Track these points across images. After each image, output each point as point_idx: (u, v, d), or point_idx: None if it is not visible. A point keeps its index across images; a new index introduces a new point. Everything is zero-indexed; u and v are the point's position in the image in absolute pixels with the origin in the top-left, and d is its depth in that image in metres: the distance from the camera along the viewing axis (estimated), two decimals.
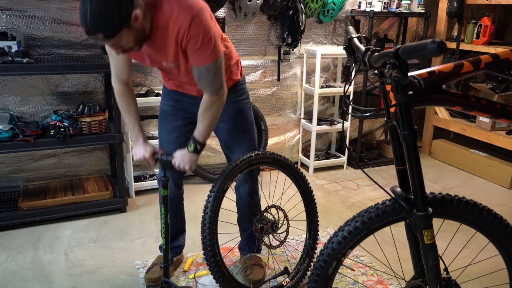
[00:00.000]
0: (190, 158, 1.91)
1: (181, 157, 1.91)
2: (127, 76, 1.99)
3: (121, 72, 1.98)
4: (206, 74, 1.79)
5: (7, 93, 3.06)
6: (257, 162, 2.08)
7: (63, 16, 3.08)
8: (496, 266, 1.82)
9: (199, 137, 1.92)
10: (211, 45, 1.74)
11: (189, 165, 1.91)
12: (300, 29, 3.63)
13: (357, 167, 4.10)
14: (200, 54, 1.75)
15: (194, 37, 1.70)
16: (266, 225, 2.14)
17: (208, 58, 1.76)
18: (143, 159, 1.99)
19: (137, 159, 2.02)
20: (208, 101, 1.86)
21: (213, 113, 1.88)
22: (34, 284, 2.31)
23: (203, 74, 1.79)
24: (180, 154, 1.91)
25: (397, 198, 1.41)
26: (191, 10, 1.68)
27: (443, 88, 1.44)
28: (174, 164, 1.91)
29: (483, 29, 4.03)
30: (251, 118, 2.22)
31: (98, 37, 1.59)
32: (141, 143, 2.01)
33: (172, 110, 2.15)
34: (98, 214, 3.06)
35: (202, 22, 1.70)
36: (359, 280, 2.40)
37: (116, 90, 2.03)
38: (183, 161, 1.90)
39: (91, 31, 1.57)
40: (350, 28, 1.57)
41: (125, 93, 2.02)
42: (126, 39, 1.63)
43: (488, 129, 3.93)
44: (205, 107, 1.87)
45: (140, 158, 2.00)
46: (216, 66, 1.79)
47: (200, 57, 1.76)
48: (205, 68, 1.78)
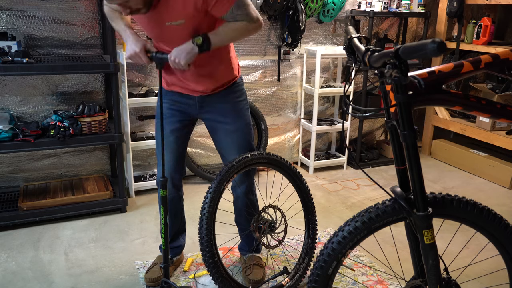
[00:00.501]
0: (190, 51, 1.76)
1: (179, 50, 1.77)
2: None
3: None
4: (239, 10, 1.76)
5: (7, 93, 3.06)
6: (253, 162, 2.07)
7: (63, 16, 3.08)
8: (496, 266, 1.82)
9: (212, 35, 1.78)
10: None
11: (185, 60, 1.76)
12: (300, 29, 3.63)
13: (357, 167, 4.10)
14: (222, 1, 1.73)
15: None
16: (263, 225, 2.14)
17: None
18: (134, 53, 1.84)
19: (128, 55, 1.87)
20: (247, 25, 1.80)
21: (244, 32, 1.83)
22: (34, 284, 2.31)
23: (236, 12, 1.76)
24: (179, 48, 1.78)
25: (397, 198, 1.41)
26: None
27: (443, 88, 1.44)
28: (169, 58, 1.78)
29: (483, 29, 4.03)
30: (248, 119, 2.21)
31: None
32: (132, 37, 1.86)
33: (169, 112, 2.13)
34: (98, 214, 3.06)
35: None
36: (359, 280, 2.40)
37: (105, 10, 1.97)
38: (180, 55, 1.76)
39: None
40: (350, 28, 1.57)
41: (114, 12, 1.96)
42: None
43: (488, 129, 3.93)
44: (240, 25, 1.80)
45: (131, 54, 1.84)
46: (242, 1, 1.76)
47: (224, 3, 1.73)
48: (234, 8, 1.75)
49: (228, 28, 1.82)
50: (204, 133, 3.71)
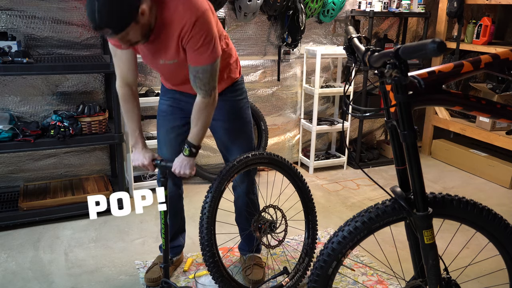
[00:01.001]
0: (188, 162, 1.92)
1: (179, 163, 1.92)
2: (132, 77, 1.97)
3: (127, 71, 1.95)
4: (202, 74, 1.80)
5: (7, 93, 3.06)
6: (254, 162, 2.08)
7: (63, 16, 3.08)
8: (496, 266, 1.82)
9: (193, 140, 1.93)
10: (210, 47, 1.76)
11: (189, 170, 1.92)
12: (300, 29, 3.63)
13: (357, 167, 4.10)
14: (200, 54, 1.76)
15: (196, 36, 1.72)
16: (264, 225, 2.14)
17: (206, 59, 1.77)
18: (141, 165, 2.00)
19: (136, 165, 2.02)
20: (202, 103, 1.87)
21: (206, 115, 1.90)
22: (34, 284, 2.31)
23: (200, 74, 1.80)
24: (179, 161, 1.92)
25: (397, 198, 1.41)
26: (197, 10, 1.71)
27: (443, 88, 1.44)
28: (174, 171, 1.92)
29: (483, 29, 4.03)
30: (249, 117, 2.22)
31: (106, 33, 1.61)
32: (140, 149, 2.01)
33: (171, 109, 2.15)
34: (98, 214, 3.04)
35: (206, 24, 1.72)
36: (359, 280, 2.40)
37: (120, 93, 2.01)
38: (183, 167, 1.92)
39: (99, 26, 1.58)
40: (350, 28, 1.57)
41: (129, 97, 2.00)
42: (134, 33, 1.65)
43: (488, 129, 3.92)
44: (198, 109, 1.88)
45: (139, 164, 2.01)
46: (213, 67, 1.80)
47: (199, 57, 1.77)
48: (202, 69, 1.79)
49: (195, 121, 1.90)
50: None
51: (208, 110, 1.89)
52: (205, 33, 1.73)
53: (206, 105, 1.87)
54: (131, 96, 2.01)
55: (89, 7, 1.55)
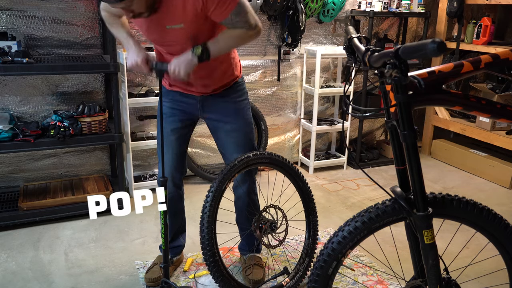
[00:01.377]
0: (189, 61, 1.77)
1: (178, 61, 1.78)
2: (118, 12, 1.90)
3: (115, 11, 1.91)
4: (238, 17, 1.77)
5: (7, 93, 3.06)
6: (255, 162, 2.07)
7: (63, 16, 3.08)
8: (496, 266, 1.81)
9: (211, 44, 1.79)
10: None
11: (185, 70, 1.77)
12: (300, 29, 3.63)
13: (357, 167, 4.10)
14: (222, 7, 1.73)
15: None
16: (264, 225, 2.14)
17: (230, 5, 1.74)
18: (135, 64, 1.86)
19: (129, 65, 1.89)
20: (243, 32, 1.81)
21: (242, 39, 1.85)
22: (34, 284, 2.31)
23: (235, 19, 1.77)
24: (179, 58, 1.79)
25: (397, 198, 1.41)
26: None
27: (443, 88, 1.44)
28: (169, 69, 1.79)
29: (483, 29, 4.03)
30: (250, 118, 2.21)
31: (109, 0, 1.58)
32: (133, 47, 1.88)
33: (171, 111, 2.14)
34: (98, 214, 3.05)
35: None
36: (359, 280, 2.40)
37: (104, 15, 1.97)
38: (180, 65, 1.77)
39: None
40: (350, 28, 1.57)
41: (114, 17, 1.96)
42: (138, 2, 1.63)
43: (488, 129, 3.93)
44: (238, 33, 1.81)
45: (132, 63, 1.86)
46: (241, 5, 1.76)
47: (223, 8, 1.73)
48: (233, 14, 1.75)
49: (226, 36, 1.83)
50: (204, 133, 3.71)
51: (247, 37, 1.84)
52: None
53: (246, 35, 1.82)
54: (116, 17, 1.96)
55: None
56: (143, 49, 1.89)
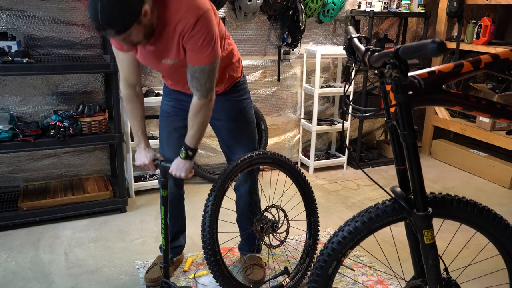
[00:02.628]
0: (184, 165, 1.92)
1: (176, 165, 1.92)
2: (135, 78, 1.98)
3: (130, 74, 1.96)
4: (200, 75, 1.80)
5: (7, 93, 3.06)
6: (257, 162, 2.08)
7: (63, 16, 3.08)
8: (496, 266, 1.81)
9: (190, 143, 1.92)
10: (210, 47, 1.75)
11: (185, 173, 1.92)
12: (300, 29, 3.63)
13: (357, 167, 4.10)
14: (199, 53, 1.76)
15: (196, 36, 1.72)
16: (266, 224, 2.14)
17: (205, 59, 1.77)
18: (143, 165, 2.03)
19: (138, 165, 2.05)
20: (198, 104, 1.86)
21: (203, 117, 1.89)
22: (34, 284, 2.31)
23: (197, 74, 1.80)
24: (175, 163, 1.93)
25: (397, 198, 1.41)
26: (198, 10, 1.70)
27: (443, 88, 1.44)
28: (170, 172, 1.93)
29: (483, 29, 4.03)
30: (252, 117, 2.22)
31: (109, 33, 1.60)
32: (143, 148, 2.03)
33: (173, 110, 2.15)
34: (98, 214, 3.06)
35: (206, 24, 1.72)
36: (359, 280, 2.40)
37: (123, 94, 2.02)
38: (179, 169, 1.92)
39: (102, 27, 1.57)
40: (350, 28, 1.57)
41: (132, 97, 2.01)
42: (136, 34, 1.65)
43: (488, 129, 3.93)
44: (195, 111, 1.88)
45: (140, 164, 2.04)
46: (211, 68, 1.80)
47: (198, 56, 1.77)
48: (200, 69, 1.78)
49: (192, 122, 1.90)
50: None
51: (204, 112, 1.88)
52: (205, 32, 1.72)
53: (201, 106, 1.86)
54: (134, 97, 2.01)
55: (92, 7, 1.54)
56: (151, 150, 2.03)
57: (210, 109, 1.90)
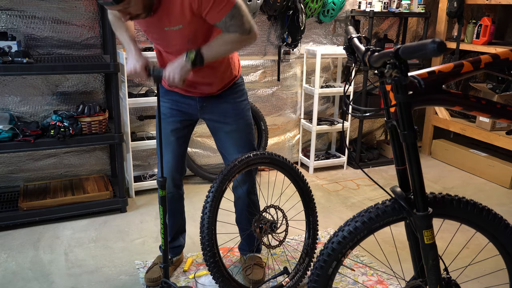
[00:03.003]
0: (183, 67, 1.77)
1: (173, 66, 1.79)
2: None
3: None
4: (233, 21, 1.74)
5: (7, 93, 3.06)
6: (255, 162, 2.07)
7: (63, 16, 3.08)
8: (496, 266, 1.82)
9: (205, 49, 1.78)
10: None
11: (179, 76, 1.78)
12: (300, 29, 3.63)
13: (357, 167, 4.10)
14: (217, 8, 1.71)
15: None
16: (265, 225, 2.14)
17: (226, 7, 1.72)
18: (133, 71, 1.88)
19: (128, 71, 1.90)
20: (237, 37, 1.78)
21: (237, 44, 1.82)
22: (34, 284, 2.31)
23: (230, 22, 1.74)
24: (173, 64, 1.79)
25: (397, 198, 1.41)
26: None
27: (443, 88, 1.44)
28: (164, 76, 1.80)
29: (483, 29, 4.03)
30: (250, 119, 2.21)
31: (107, 1, 1.58)
32: (133, 54, 1.90)
33: (170, 111, 2.13)
34: (98, 214, 3.06)
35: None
36: (359, 280, 2.40)
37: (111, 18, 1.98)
38: (174, 71, 1.78)
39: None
40: (350, 28, 1.57)
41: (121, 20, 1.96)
42: (135, 4, 1.63)
43: (488, 129, 3.93)
44: (231, 38, 1.78)
45: (130, 69, 1.88)
46: (237, 8, 1.74)
47: (218, 10, 1.72)
48: (228, 16, 1.73)
49: (220, 41, 1.81)
50: (204, 133, 3.71)
51: (243, 42, 1.81)
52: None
53: (240, 40, 1.79)
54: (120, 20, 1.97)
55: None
56: (143, 56, 1.90)
57: (250, 42, 1.83)
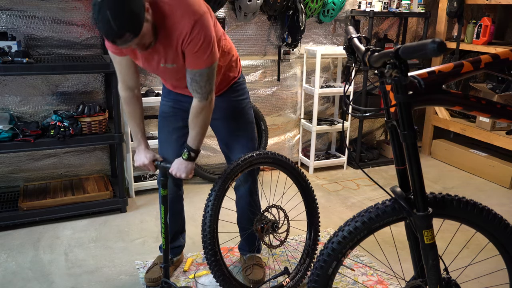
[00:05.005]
0: (186, 166, 1.93)
1: (177, 165, 1.93)
2: (134, 81, 1.98)
3: (128, 77, 1.97)
4: (199, 78, 1.81)
5: (7, 93, 3.06)
6: (258, 161, 2.08)
7: (63, 16, 3.08)
8: (496, 266, 1.82)
9: (192, 144, 1.94)
10: (208, 50, 1.76)
11: (185, 173, 1.93)
12: (300, 29, 3.63)
13: (357, 167, 4.10)
14: (197, 57, 1.76)
15: (194, 40, 1.72)
16: (266, 224, 2.14)
17: (204, 62, 1.78)
18: (142, 165, 2.04)
19: (138, 165, 2.07)
20: (198, 106, 1.87)
21: (204, 118, 1.90)
22: (34, 284, 2.31)
23: (197, 77, 1.81)
24: (176, 163, 1.94)
25: (397, 198, 1.41)
26: (195, 14, 1.71)
27: (443, 88, 1.44)
28: (171, 173, 1.94)
29: (483, 29, 4.03)
30: (251, 118, 2.22)
31: (126, 38, 1.59)
32: (143, 149, 2.05)
33: (172, 110, 2.15)
34: (98, 214, 3.06)
35: (204, 27, 1.73)
36: (359, 280, 2.40)
37: (122, 96, 2.03)
38: (179, 170, 1.93)
39: (119, 33, 1.56)
40: (350, 28, 1.57)
41: (131, 100, 2.02)
42: (146, 33, 1.65)
43: (488, 129, 3.93)
44: (196, 113, 1.89)
45: (140, 164, 2.05)
46: (210, 71, 1.81)
47: (196, 60, 1.77)
48: (199, 72, 1.79)
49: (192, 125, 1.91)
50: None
51: (205, 114, 1.89)
52: (203, 36, 1.72)
53: (202, 108, 1.87)
54: (133, 99, 2.02)
55: (102, 19, 1.52)
56: (150, 151, 2.05)
57: (210, 111, 1.91)
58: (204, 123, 1.91)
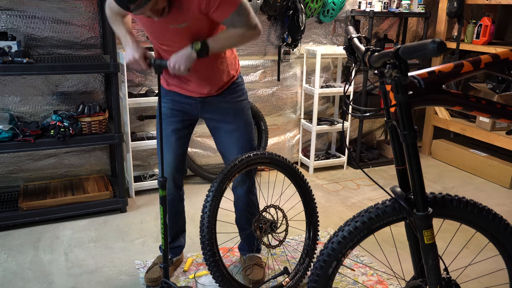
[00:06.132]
0: (188, 56, 1.79)
1: (178, 56, 1.80)
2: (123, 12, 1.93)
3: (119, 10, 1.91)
4: (238, 18, 1.79)
5: (7, 93, 3.06)
6: (255, 162, 2.07)
7: (63, 16, 3.08)
8: (496, 266, 1.82)
9: (211, 41, 1.82)
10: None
11: (184, 66, 1.79)
12: (300, 29, 3.63)
13: (357, 167, 4.10)
14: (223, 6, 1.75)
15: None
16: (264, 225, 2.14)
17: (232, 5, 1.76)
18: (132, 60, 1.86)
19: (127, 61, 1.88)
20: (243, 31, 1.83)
21: (242, 38, 1.87)
22: (34, 284, 2.31)
23: (236, 19, 1.79)
24: (178, 54, 1.80)
25: (397, 198, 1.41)
26: None
27: (443, 88, 1.44)
28: (169, 65, 1.80)
29: (483, 29, 4.03)
30: (250, 118, 2.21)
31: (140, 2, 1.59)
32: (131, 44, 1.88)
33: (171, 112, 2.13)
34: (98, 214, 3.06)
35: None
36: (359, 280, 2.40)
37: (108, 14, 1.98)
38: (179, 61, 1.78)
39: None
40: (350, 28, 1.57)
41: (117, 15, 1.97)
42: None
43: (488, 129, 3.93)
44: (237, 32, 1.83)
45: (129, 59, 1.86)
46: (243, 6, 1.78)
47: (224, 9, 1.76)
48: (235, 14, 1.77)
49: (226, 35, 1.86)
50: (204, 133, 3.71)
51: (247, 36, 1.86)
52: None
53: (246, 35, 1.84)
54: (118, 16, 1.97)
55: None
56: (141, 46, 1.90)
57: (254, 37, 1.88)
58: (239, 39, 1.88)
